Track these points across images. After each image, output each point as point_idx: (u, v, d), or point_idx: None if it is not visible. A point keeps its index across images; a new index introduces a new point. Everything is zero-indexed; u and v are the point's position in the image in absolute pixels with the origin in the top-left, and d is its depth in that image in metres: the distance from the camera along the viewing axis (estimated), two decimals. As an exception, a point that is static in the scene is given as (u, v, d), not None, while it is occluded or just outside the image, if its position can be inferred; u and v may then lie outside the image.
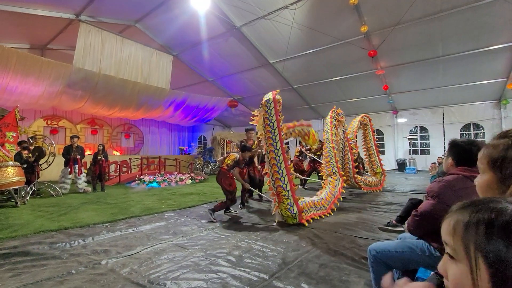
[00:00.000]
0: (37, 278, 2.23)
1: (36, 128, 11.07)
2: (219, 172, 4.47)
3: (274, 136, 3.94)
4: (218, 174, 4.48)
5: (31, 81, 8.24)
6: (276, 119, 3.95)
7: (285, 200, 3.87)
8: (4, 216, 4.33)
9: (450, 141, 1.74)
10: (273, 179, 3.96)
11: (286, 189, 3.89)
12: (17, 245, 3.00)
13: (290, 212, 3.86)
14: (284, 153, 3.96)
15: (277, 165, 3.90)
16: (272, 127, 3.94)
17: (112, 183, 8.98)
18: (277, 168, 3.90)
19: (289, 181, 3.92)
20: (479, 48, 8.51)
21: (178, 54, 11.92)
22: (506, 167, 0.75)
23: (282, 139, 4.02)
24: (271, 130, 3.94)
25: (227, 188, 4.32)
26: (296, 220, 3.90)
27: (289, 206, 3.86)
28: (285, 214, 3.91)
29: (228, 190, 4.33)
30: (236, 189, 4.44)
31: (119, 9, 9.04)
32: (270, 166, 3.96)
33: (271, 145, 3.93)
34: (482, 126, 11.55)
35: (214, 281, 2.21)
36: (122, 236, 3.38)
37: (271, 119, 3.95)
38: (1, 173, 5.08)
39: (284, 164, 3.92)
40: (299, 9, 8.09)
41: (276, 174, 3.90)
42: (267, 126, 3.97)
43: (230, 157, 4.50)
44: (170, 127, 16.55)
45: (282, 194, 3.89)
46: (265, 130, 3.99)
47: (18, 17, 7.94)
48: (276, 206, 3.99)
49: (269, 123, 3.95)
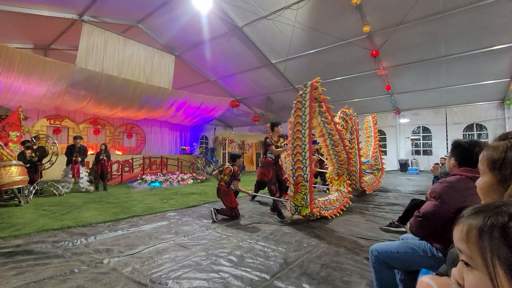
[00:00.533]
0: (40, 276, 2.25)
1: (40, 128, 11.15)
2: (218, 189, 4.38)
3: (303, 123, 3.71)
4: (218, 191, 4.39)
5: (34, 81, 8.30)
6: (309, 105, 3.73)
7: (303, 190, 3.74)
8: (8, 215, 4.36)
9: (453, 142, 1.73)
10: (295, 167, 3.76)
11: (306, 180, 3.74)
12: (20, 243, 3.03)
13: (304, 201, 3.76)
14: (310, 142, 3.75)
15: (301, 153, 3.71)
16: (303, 112, 3.73)
17: (114, 182, 9.02)
18: (301, 157, 3.71)
19: (310, 172, 3.75)
20: (482, 48, 8.46)
21: (180, 54, 11.96)
22: (505, 169, 0.76)
23: (311, 127, 3.81)
24: (302, 116, 3.72)
25: (228, 205, 4.26)
26: (308, 209, 3.78)
27: (305, 196, 3.76)
28: (299, 204, 3.79)
29: (230, 207, 4.26)
30: (237, 204, 4.37)
31: (121, 9, 9.08)
32: (294, 154, 3.76)
33: (298, 132, 3.72)
34: (485, 126, 11.47)
35: (216, 281, 2.21)
36: (124, 235, 3.40)
37: (304, 103, 3.73)
38: (4, 172, 5.12)
39: (309, 154, 3.74)
40: (301, 9, 8.08)
41: (299, 163, 3.72)
42: (298, 110, 3.74)
43: (225, 171, 4.38)
44: (172, 127, 16.60)
45: (301, 184, 3.73)
46: (295, 114, 3.75)
47: (22, 17, 8.00)
48: (290, 196, 3.86)
49: (301, 107, 3.74)
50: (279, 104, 14.71)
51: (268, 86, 13.43)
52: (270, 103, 14.53)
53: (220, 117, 17.08)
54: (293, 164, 3.79)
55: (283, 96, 13.93)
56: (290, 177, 3.84)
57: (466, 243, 0.49)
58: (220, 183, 4.36)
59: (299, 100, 3.79)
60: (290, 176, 3.83)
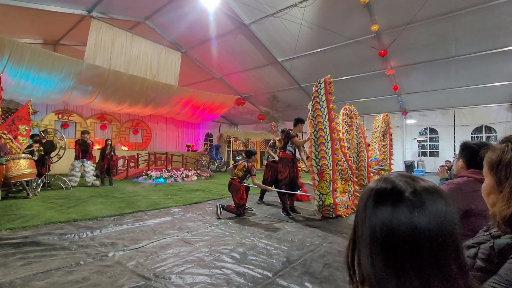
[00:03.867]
0: (47, 267, 2.30)
1: (48, 122, 11.32)
2: (230, 183, 4.41)
3: (323, 115, 4.07)
4: (229, 185, 4.42)
5: (43, 75, 8.42)
6: (326, 99, 4.12)
7: (328, 178, 4.04)
8: (16, 207, 4.46)
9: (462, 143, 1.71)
10: (318, 157, 4.07)
11: (329, 168, 4.05)
12: (28, 235, 3.09)
13: (329, 189, 4.00)
14: (332, 133, 4.12)
15: (325, 144, 4.04)
16: (321, 105, 4.11)
17: (120, 177, 9.13)
18: (324, 147, 4.04)
19: (332, 161, 4.09)
20: (493, 49, 8.28)
21: (187, 51, 11.99)
22: (501, 171, 0.76)
23: (331, 119, 4.14)
24: (321, 109, 4.09)
25: (237, 201, 4.27)
26: (331, 199, 4.07)
27: (329, 183, 4.03)
28: (324, 192, 4.05)
29: (238, 204, 4.27)
30: (245, 202, 4.39)
31: (129, 5, 9.14)
32: (317, 144, 4.08)
33: (320, 123, 4.07)
34: (494, 129, 11.25)
35: (218, 277, 2.23)
36: (129, 230, 3.44)
37: (321, 97, 4.12)
38: (14, 165, 5.22)
39: (331, 144, 4.10)
40: (309, 7, 8.01)
41: (323, 152, 4.04)
42: (316, 104, 4.12)
43: (239, 167, 4.43)
44: (178, 124, 16.68)
45: (326, 172, 4.04)
46: (314, 108, 4.11)
47: (32, 13, 8.11)
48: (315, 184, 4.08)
49: (319, 101, 4.12)
50: (284, 103, 14.66)
51: (274, 85, 13.39)
52: (276, 101, 14.48)
53: (225, 115, 17.10)
54: (317, 154, 4.09)
55: (289, 94, 13.86)
56: (313, 167, 4.10)
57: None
58: (233, 177, 4.42)
59: (316, 96, 4.15)
60: (313, 166, 4.10)
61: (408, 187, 0.49)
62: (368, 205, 0.50)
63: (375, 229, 0.47)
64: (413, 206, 0.46)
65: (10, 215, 3.89)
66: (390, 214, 0.46)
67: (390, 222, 0.46)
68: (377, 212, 0.48)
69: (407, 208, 0.46)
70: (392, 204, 0.47)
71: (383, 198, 0.49)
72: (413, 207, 0.46)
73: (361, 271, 0.50)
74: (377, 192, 0.50)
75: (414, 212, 0.45)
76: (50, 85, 8.84)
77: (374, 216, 0.48)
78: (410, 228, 0.45)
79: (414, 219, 0.45)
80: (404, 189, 0.48)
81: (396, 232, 0.45)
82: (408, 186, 0.49)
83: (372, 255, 0.47)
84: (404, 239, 0.44)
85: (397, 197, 0.48)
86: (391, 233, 0.45)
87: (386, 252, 0.46)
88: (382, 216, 0.47)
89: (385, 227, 0.46)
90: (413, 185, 0.49)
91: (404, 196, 0.47)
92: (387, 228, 0.46)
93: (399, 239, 0.45)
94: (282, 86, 13.35)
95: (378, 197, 0.49)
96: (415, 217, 0.45)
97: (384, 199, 0.48)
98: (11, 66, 7.63)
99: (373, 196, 0.50)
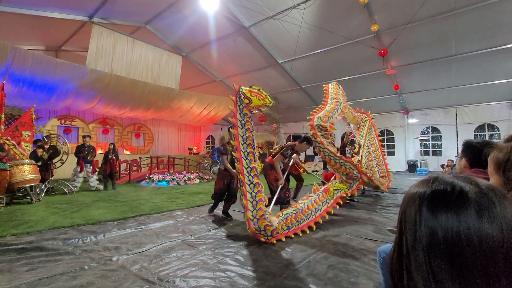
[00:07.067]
0: (52, 272, 2.30)
1: (51, 127, 11.38)
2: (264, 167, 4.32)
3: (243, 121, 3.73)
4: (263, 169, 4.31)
5: (46, 81, 8.49)
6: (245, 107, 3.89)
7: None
8: (20, 212, 4.48)
9: (465, 142, 1.70)
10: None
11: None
12: (32, 240, 3.11)
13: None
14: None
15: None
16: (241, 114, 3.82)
17: (122, 181, 9.15)
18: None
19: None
20: (494, 47, 8.25)
21: (187, 54, 12.05)
22: (509, 170, 0.75)
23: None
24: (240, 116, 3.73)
25: (273, 183, 4.09)
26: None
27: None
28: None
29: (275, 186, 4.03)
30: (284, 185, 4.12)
31: (130, 10, 9.22)
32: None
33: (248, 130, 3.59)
34: (497, 127, 11.18)
35: (222, 280, 2.22)
36: (132, 234, 3.45)
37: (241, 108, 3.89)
38: (17, 170, 5.26)
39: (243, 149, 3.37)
40: (308, 8, 8.04)
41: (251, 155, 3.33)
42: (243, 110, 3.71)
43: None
44: (179, 127, 16.72)
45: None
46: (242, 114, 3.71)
47: (34, 20, 8.20)
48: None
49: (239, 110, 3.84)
50: (285, 104, 14.66)
51: (275, 86, 13.41)
52: (277, 103, 14.48)
53: (227, 117, 17.12)
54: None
55: (290, 96, 13.87)
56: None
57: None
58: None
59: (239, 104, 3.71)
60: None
61: (472, 187, 0.43)
62: (422, 210, 0.44)
63: (436, 234, 0.42)
64: (481, 209, 0.41)
65: (14, 221, 3.91)
66: (457, 221, 0.41)
67: (456, 229, 0.41)
68: (438, 217, 0.42)
69: (475, 212, 0.41)
70: (457, 208, 0.42)
71: (445, 201, 0.43)
72: (481, 210, 0.41)
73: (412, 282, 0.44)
74: (434, 195, 0.44)
75: (484, 217, 0.40)
76: (52, 91, 8.92)
77: (432, 220, 0.43)
78: (480, 234, 0.39)
79: (484, 224, 0.40)
80: (468, 190, 0.43)
81: (465, 241, 0.40)
82: (472, 186, 0.43)
83: (431, 264, 0.42)
84: (474, 247, 0.39)
85: (461, 199, 0.42)
86: (458, 242, 0.40)
87: (450, 262, 0.40)
88: (445, 222, 0.41)
89: (449, 234, 0.41)
90: (477, 185, 0.44)
91: (470, 198, 0.42)
92: (452, 235, 0.41)
93: (468, 248, 0.40)
94: (282, 87, 13.37)
95: (437, 200, 0.44)
96: (485, 222, 0.40)
97: (447, 202, 0.43)
98: (14, 72, 7.70)
99: (428, 199, 0.44)
